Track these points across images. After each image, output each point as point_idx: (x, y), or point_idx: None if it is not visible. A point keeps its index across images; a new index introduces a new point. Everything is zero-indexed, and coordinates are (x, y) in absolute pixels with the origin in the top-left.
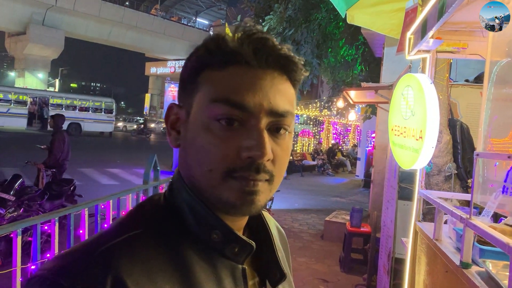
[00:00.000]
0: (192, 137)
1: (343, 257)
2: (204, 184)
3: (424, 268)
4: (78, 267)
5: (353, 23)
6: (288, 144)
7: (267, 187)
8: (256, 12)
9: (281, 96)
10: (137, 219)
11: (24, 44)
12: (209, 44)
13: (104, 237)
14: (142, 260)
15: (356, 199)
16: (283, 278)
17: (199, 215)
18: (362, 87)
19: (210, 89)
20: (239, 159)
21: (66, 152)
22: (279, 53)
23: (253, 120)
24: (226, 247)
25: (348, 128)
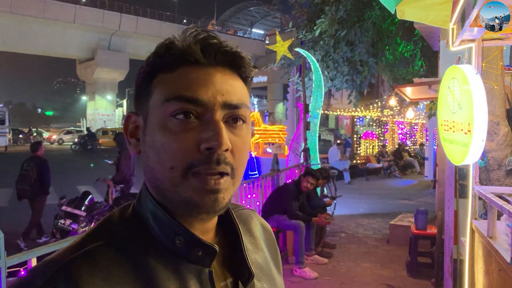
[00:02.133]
0: (151, 140)
1: (409, 261)
2: (167, 184)
3: (481, 268)
4: (39, 281)
5: (404, 18)
6: (245, 134)
7: (229, 183)
8: (308, 17)
9: (234, 89)
10: (101, 230)
11: (93, 69)
12: (158, 49)
13: (67, 250)
14: (102, 271)
15: (426, 201)
16: (251, 277)
17: (162, 222)
18: (415, 83)
19: (163, 91)
20: (198, 152)
21: (132, 168)
22: (225, 50)
23: (208, 113)
24: (190, 252)
25: (414, 127)
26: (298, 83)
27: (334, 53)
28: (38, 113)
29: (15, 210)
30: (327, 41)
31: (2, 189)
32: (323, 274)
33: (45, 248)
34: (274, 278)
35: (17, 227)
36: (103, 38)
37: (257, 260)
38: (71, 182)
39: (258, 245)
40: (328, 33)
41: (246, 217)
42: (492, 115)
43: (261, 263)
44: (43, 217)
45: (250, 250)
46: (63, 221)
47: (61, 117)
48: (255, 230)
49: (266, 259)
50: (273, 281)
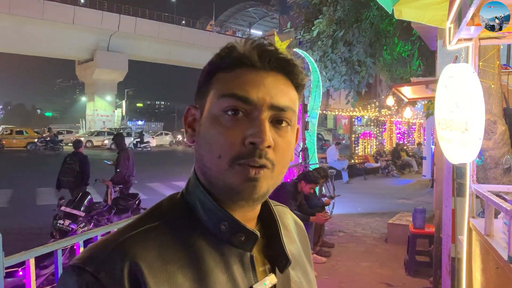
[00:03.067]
0: (204, 131)
1: (408, 260)
2: (214, 171)
3: (479, 266)
4: (100, 255)
5: (402, 18)
6: (289, 136)
7: (269, 175)
8: (306, 17)
9: (282, 94)
10: (154, 214)
11: (92, 70)
12: (221, 51)
13: (125, 230)
14: (156, 248)
15: (424, 200)
16: (288, 263)
17: (209, 209)
18: (412, 82)
19: (220, 87)
20: (243, 146)
21: (131, 168)
22: (280, 57)
23: (256, 112)
24: (233, 237)
25: (412, 126)
26: None
27: (332, 53)
28: (37, 114)
29: (15, 211)
30: (325, 42)
31: (1, 190)
32: (321, 273)
33: (43, 249)
34: (307, 270)
35: (16, 228)
36: (102, 39)
37: (291, 250)
38: None
39: (292, 237)
40: (326, 34)
41: (280, 212)
42: (489, 114)
43: (295, 254)
44: (44, 217)
45: (286, 241)
46: (62, 221)
47: (61, 118)
48: (289, 224)
49: (300, 251)
50: (306, 272)
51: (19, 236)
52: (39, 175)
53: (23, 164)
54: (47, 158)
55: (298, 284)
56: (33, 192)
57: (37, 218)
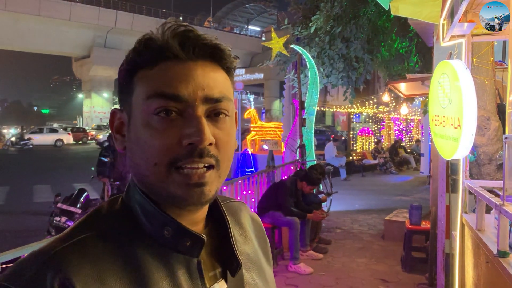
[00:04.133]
0: (135, 136)
1: (404, 256)
2: (152, 180)
3: (471, 261)
4: (28, 272)
5: (398, 14)
6: (229, 127)
7: (215, 175)
8: (304, 13)
9: (215, 83)
10: (91, 221)
11: (89, 66)
12: (137, 46)
13: (56, 241)
14: (90, 261)
15: (421, 197)
16: (238, 267)
17: (150, 214)
18: (408, 78)
19: (144, 88)
20: (180, 147)
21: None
22: (204, 43)
23: (189, 109)
24: (178, 242)
25: (410, 123)
26: (294, 79)
27: (329, 50)
28: (34, 111)
29: (10, 208)
30: (322, 38)
31: None
32: (318, 270)
33: (38, 245)
34: (263, 269)
35: (12, 225)
36: (99, 36)
37: (246, 251)
38: (67, 180)
39: (247, 236)
40: (324, 30)
41: (235, 209)
42: (483, 110)
43: (250, 254)
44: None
45: (239, 241)
46: (59, 218)
47: (57, 115)
48: (244, 222)
49: (256, 250)
50: (262, 272)
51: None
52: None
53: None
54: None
55: (252, 287)
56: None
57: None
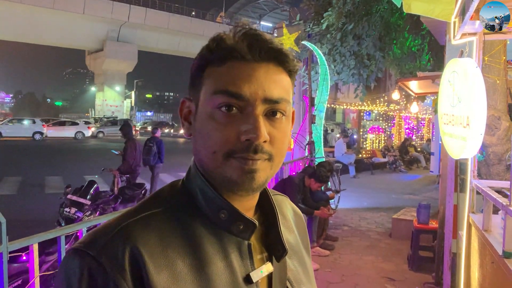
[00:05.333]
0: (199, 126)
1: (411, 255)
2: (210, 166)
3: (476, 261)
4: (102, 240)
5: (411, 12)
6: (284, 126)
7: (267, 165)
8: (316, 10)
9: (275, 85)
10: (156, 200)
11: (102, 60)
12: (210, 44)
13: (127, 215)
14: (157, 234)
15: (430, 196)
16: (284, 253)
17: (208, 197)
18: (419, 76)
19: (212, 83)
20: (238, 142)
21: (138, 158)
22: (271, 47)
23: (249, 107)
24: (232, 225)
25: (421, 122)
26: (304, 76)
27: (341, 47)
28: (47, 103)
29: (22, 198)
30: (334, 35)
31: (11, 178)
32: (324, 266)
33: (46, 234)
34: (304, 259)
35: (24, 215)
36: (112, 29)
37: (289, 240)
38: (78, 172)
39: (290, 227)
40: (335, 27)
41: (280, 201)
42: (494, 110)
43: (293, 243)
44: (51, 205)
45: (284, 230)
46: (68, 209)
47: (70, 107)
48: (288, 214)
49: (297, 241)
50: (303, 261)
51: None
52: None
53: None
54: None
55: (294, 273)
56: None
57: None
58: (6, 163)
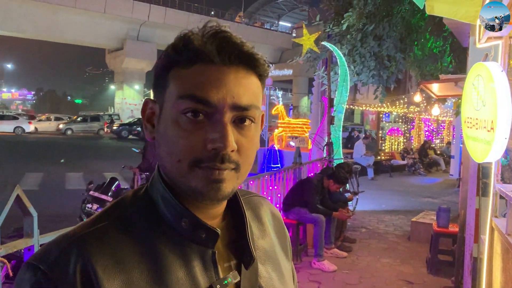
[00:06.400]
0: (163, 130)
1: (430, 259)
2: (174, 174)
3: (499, 265)
4: (54, 254)
5: (433, 13)
6: (253, 134)
7: (233, 175)
8: (336, 10)
9: (245, 91)
10: (114, 210)
11: (122, 58)
12: (176, 43)
13: (82, 226)
14: (111, 246)
15: (450, 200)
16: (252, 260)
17: (170, 205)
18: (441, 79)
19: (178, 86)
20: (205, 150)
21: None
22: (241, 50)
23: (217, 114)
24: (194, 234)
25: (441, 124)
26: (323, 77)
27: (361, 48)
28: (67, 100)
29: (45, 194)
30: (354, 35)
31: (35, 173)
32: (342, 268)
33: None
34: (280, 263)
35: (46, 210)
36: (132, 28)
37: (263, 245)
38: (99, 168)
39: (265, 230)
40: (356, 27)
41: (255, 203)
42: None
43: (267, 248)
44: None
45: (257, 235)
46: (90, 205)
47: (90, 105)
48: (264, 216)
49: (273, 245)
50: (278, 266)
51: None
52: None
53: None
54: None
55: (266, 280)
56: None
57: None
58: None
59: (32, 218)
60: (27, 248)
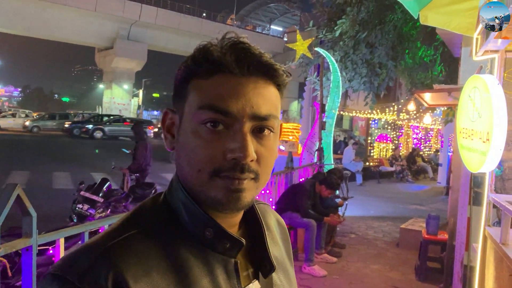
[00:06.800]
0: (183, 141)
1: (419, 265)
2: (194, 184)
3: (492, 274)
4: (82, 265)
5: (427, 23)
6: (272, 144)
7: (253, 185)
8: (329, 16)
9: (264, 101)
10: (137, 219)
11: (112, 58)
12: (196, 55)
13: (107, 236)
14: (139, 257)
15: (437, 207)
16: (272, 270)
17: (192, 214)
18: (435, 89)
19: (198, 97)
20: (224, 160)
21: (148, 158)
22: (260, 61)
23: (237, 124)
24: (218, 244)
25: (429, 132)
26: (315, 82)
27: (353, 54)
28: (54, 98)
29: (31, 193)
30: (347, 42)
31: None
32: (332, 273)
33: (72, 230)
34: (288, 271)
35: None
36: (122, 28)
37: (274, 254)
38: (87, 169)
39: (274, 239)
40: (349, 34)
41: (263, 210)
42: (511, 125)
43: (278, 256)
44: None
45: (269, 244)
46: (81, 206)
47: (77, 104)
48: (271, 224)
49: (282, 253)
50: (287, 273)
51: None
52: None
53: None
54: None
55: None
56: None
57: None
58: None
59: (31, 218)
60: (25, 248)
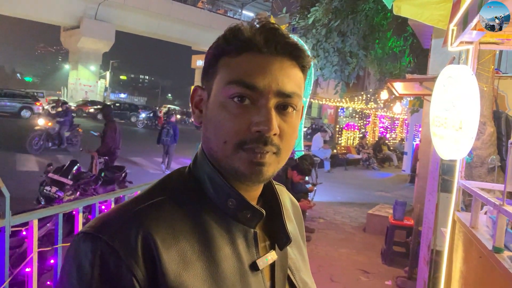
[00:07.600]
0: (211, 114)
1: (385, 249)
2: (220, 155)
3: (460, 256)
4: (114, 225)
5: (400, 14)
6: (294, 121)
7: (274, 159)
8: (302, 3)
9: (289, 79)
10: (165, 187)
11: (78, 37)
12: (227, 34)
13: (136, 201)
14: (167, 221)
15: (402, 194)
16: (288, 242)
17: (217, 185)
18: (407, 78)
19: (227, 73)
20: (249, 132)
21: (117, 141)
22: (287, 41)
23: (262, 99)
24: (239, 213)
25: (395, 121)
26: None
27: (325, 43)
28: (17, 78)
29: None
30: (319, 30)
31: None
32: None
33: (46, 211)
34: (302, 248)
35: None
36: (90, 7)
37: (289, 229)
38: (55, 152)
39: (289, 216)
40: (322, 22)
41: (280, 191)
42: (480, 115)
43: (293, 232)
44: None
45: (286, 220)
46: (49, 188)
47: (41, 84)
48: (286, 203)
49: (296, 229)
50: (301, 250)
51: None
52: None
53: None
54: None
55: (294, 261)
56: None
57: None
58: None
59: (4, 198)
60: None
